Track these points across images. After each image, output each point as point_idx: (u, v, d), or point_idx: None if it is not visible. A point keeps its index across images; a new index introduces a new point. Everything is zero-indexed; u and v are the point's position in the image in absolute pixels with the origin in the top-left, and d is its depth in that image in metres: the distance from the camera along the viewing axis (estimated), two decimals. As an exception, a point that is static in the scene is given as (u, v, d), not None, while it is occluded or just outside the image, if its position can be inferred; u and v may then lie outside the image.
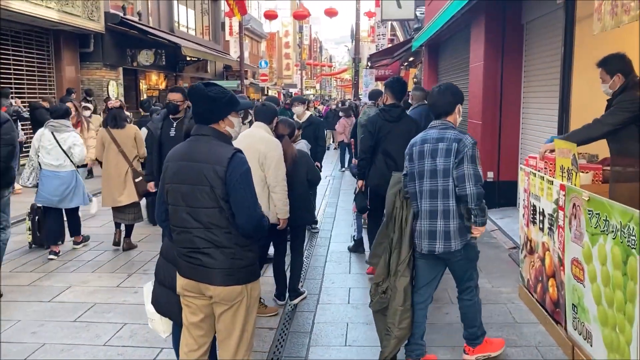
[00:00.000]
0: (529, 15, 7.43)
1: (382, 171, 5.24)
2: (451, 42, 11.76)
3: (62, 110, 6.35)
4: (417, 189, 3.55)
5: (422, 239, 3.53)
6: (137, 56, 16.15)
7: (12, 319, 4.53)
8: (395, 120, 5.36)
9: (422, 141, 3.57)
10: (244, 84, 23.65)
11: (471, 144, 3.38)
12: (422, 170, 3.52)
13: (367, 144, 5.39)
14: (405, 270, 3.59)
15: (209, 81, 2.83)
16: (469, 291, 3.68)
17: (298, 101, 8.40)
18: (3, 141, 4.79)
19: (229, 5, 15.83)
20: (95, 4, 13.38)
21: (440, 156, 3.43)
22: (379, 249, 3.75)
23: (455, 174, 3.38)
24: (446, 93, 3.60)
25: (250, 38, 35.90)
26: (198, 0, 23.72)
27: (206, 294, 2.71)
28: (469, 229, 3.45)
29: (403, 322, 3.58)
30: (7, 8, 10.04)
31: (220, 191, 2.60)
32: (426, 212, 3.49)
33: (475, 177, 3.35)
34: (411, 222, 3.61)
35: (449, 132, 3.47)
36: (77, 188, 6.33)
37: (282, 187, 4.39)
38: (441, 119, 3.60)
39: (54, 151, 6.14)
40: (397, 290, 3.59)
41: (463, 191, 3.34)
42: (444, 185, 3.42)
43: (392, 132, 5.31)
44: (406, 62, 18.73)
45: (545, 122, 6.77)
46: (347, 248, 6.51)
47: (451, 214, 3.43)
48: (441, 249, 3.46)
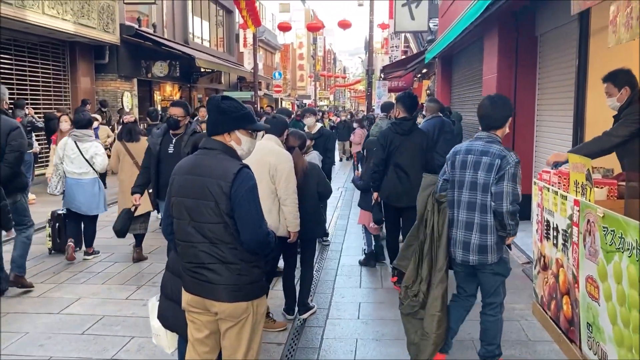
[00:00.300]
0: (543, 27, 7.37)
1: (394, 183, 5.37)
2: (464, 54, 11.71)
3: (85, 120, 6.61)
4: (455, 197, 3.60)
5: (456, 247, 3.60)
6: (152, 67, 16.28)
7: (21, 331, 4.52)
8: (406, 133, 5.41)
9: (467, 151, 3.58)
10: (257, 95, 23.75)
11: (514, 162, 3.39)
12: (462, 181, 3.56)
13: (380, 157, 5.45)
14: (443, 278, 3.63)
15: (229, 96, 2.82)
16: (494, 307, 3.68)
17: (309, 112, 8.40)
18: (10, 147, 5.05)
19: (243, 17, 15.92)
20: (110, 16, 13.54)
21: (482, 170, 3.45)
22: (408, 252, 3.79)
23: (494, 190, 3.40)
24: (499, 106, 3.56)
25: (265, 49, 36.11)
26: (212, 12, 23.92)
27: (211, 310, 2.67)
28: (504, 239, 3.51)
29: (440, 327, 3.63)
30: (25, 20, 10.18)
31: (225, 207, 2.57)
32: (462, 222, 3.55)
33: (513, 196, 3.37)
34: (447, 231, 3.64)
35: (494, 146, 3.47)
36: (99, 195, 6.61)
37: (293, 199, 4.35)
38: (489, 132, 3.57)
39: (77, 160, 6.44)
40: (434, 297, 3.62)
41: (500, 208, 3.38)
42: (483, 200, 3.46)
43: (403, 144, 5.39)
44: (419, 73, 18.70)
45: (559, 136, 6.68)
46: (358, 262, 6.44)
47: (489, 229, 3.48)
48: (475, 261, 3.52)
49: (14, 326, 4.63)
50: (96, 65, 14.28)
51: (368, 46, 20.27)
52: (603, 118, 4.73)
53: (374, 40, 20.99)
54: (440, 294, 3.61)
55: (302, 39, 50.17)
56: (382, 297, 5.37)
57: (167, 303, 3.18)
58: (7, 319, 4.78)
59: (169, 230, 2.83)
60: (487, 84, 8.64)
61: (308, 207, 4.57)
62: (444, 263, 3.63)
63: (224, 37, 25.88)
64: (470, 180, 3.51)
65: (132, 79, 15.62)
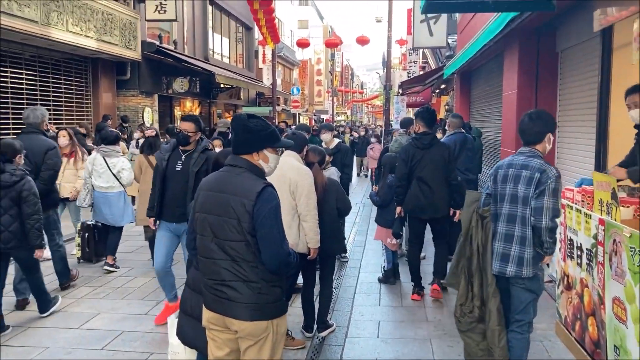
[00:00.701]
0: (564, 43, 7.31)
1: (417, 196, 5.55)
2: (484, 69, 11.66)
3: (112, 137, 6.97)
4: (496, 211, 3.67)
5: (494, 259, 3.63)
6: (172, 83, 16.46)
7: (41, 346, 4.55)
8: (427, 147, 5.55)
9: (508, 165, 3.65)
10: (276, 110, 23.87)
11: (555, 176, 3.41)
12: (503, 194, 3.62)
13: (402, 171, 5.61)
14: (495, 291, 3.68)
15: (254, 114, 2.84)
16: (522, 324, 3.68)
17: (326, 128, 8.41)
18: (46, 165, 5.53)
19: (263, 34, 16.05)
20: (132, 32, 13.74)
21: (522, 183, 3.51)
22: (457, 269, 3.85)
23: (534, 204, 3.43)
24: (537, 121, 3.61)
25: (283, 65, 36.37)
26: (232, 29, 24.19)
27: (231, 328, 2.66)
28: (541, 256, 3.53)
29: (502, 341, 3.67)
30: (49, 37, 10.38)
31: (247, 225, 2.57)
32: (502, 234, 3.61)
33: (554, 211, 3.39)
34: (491, 245, 3.68)
35: (534, 160, 3.51)
36: (125, 207, 6.95)
37: (313, 215, 4.35)
38: (530, 147, 3.63)
39: (104, 174, 6.77)
40: (491, 311, 3.68)
41: (539, 223, 3.41)
42: (523, 212, 3.51)
43: (425, 158, 5.54)
44: (438, 89, 18.65)
45: (581, 152, 6.59)
46: (377, 279, 6.39)
47: (527, 241, 3.51)
48: (512, 273, 3.55)
49: (34, 340, 4.66)
50: (118, 81, 14.48)
51: (386, 62, 20.29)
52: (626, 135, 4.66)
53: (391, 55, 21.02)
54: (495, 308, 3.67)
55: (320, 55, 50.44)
56: (402, 315, 5.31)
57: (186, 319, 3.18)
58: (28, 334, 4.82)
59: (192, 245, 2.85)
60: (508, 100, 8.58)
61: (327, 223, 4.55)
62: (492, 277, 3.68)
63: (244, 54, 26.12)
64: (510, 194, 3.58)
65: (153, 95, 15.81)
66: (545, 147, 3.65)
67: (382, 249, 6.55)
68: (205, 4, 19.83)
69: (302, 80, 43.56)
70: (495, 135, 10.23)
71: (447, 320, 5.12)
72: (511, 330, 3.72)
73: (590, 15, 5.65)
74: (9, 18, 9.11)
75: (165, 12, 14.54)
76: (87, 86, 13.62)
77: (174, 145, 4.92)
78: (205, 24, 19.99)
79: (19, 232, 4.73)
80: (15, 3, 9.25)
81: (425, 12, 7.55)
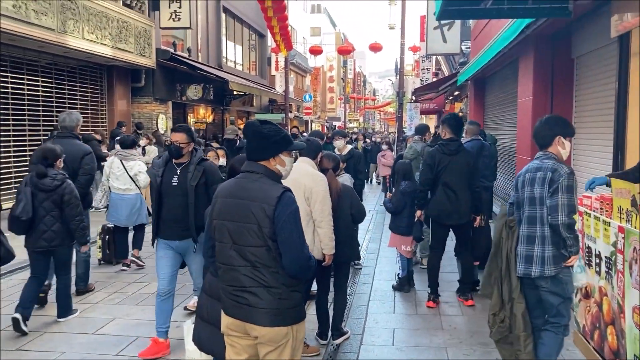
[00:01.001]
0: (580, 49, 7.26)
1: (443, 202, 5.63)
2: (498, 76, 11.62)
3: (129, 141, 7.29)
4: (520, 216, 3.76)
5: (519, 262, 3.69)
6: (186, 91, 16.57)
7: (57, 351, 4.58)
8: (453, 153, 5.65)
9: (525, 171, 3.75)
10: (288, 117, 23.93)
11: (566, 173, 3.47)
12: (523, 198, 3.72)
13: (428, 176, 5.69)
14: (519, 297, 3.73)
15: (265, 119, 2.86)
16: (556, 325, 3.70)
17: (339, 135, 8.42)
18: (83, 170, 5.82)
19: (276, 41, 16.13)
20: (147, 40, 13.86)
21: (537, 185, 3.59)
22: (490, 280, 3.91)
23: (549, 203, 3.50)
24: (545, 125, 3.72)
25: (295, 72, 36.47)
26: (245, 36, 24.33)
27: (251, 334, 2.66)
28: (565, 257, 3.54)
29: (527, 346, 3.70)
30: (65, 45, 10.50)
31: (268, 230, 2.58)
32: (524, 237, 3.68)
33: (569, 208, 3.44)
34: (515, 250, 3.75)
35: (547, 162, 3.60)
36: (141, 209, 7.20)
37: (328, 221, 4.34)
38: (543, 150, 3.71)
39: (122, 177, 7.05)
40: (516, 317, 3.73)
41: (555, 220, 3.46)
42: (541, 212, 3.59)
43: (451, 164, 5.62)
44: (451, 96, 18.60)
45: (598, 159, 6.52)
46: (391, 286, 6.36)
47: (547, 240, 3.57)
48: (537, 273, 3.59)
49: (50, 345, 4.69)
50: (132, 88, 14.59)
51: (399, 69, 20.30)
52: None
53: (404, 62, 21.01)
54: (520, 313, 3.71)
55: (333, 62, 50.53)
56: (417, 323, 5.27)
57: (203, 325, 3.18)
58: (44, 338, 4.85)
59: (209, 252, 2.85)
60: (523, 106, 8.53)
61: (342, 229, 4.54)
62: (517, 281, 3.73)
63: (256, 61, 26.25)
64: (529, 196, 3.66)
65: (167, 102, 15.92)
66: (557, 150, 3.68)
67: (396, 256, 6.52)
68: (219, 12, 19.98)
69: (314, 87, 43.64)
70: (509, 142, 10.17)
71: (463, 329, 5.08)
72: (545, 329, 3.74)
73: (606, 21, 5.61)
74: (26, 26, 9.23)
75: (180, 20, 14.67)
76: (102, 93, 13.75)
77: (166, 159, 4.58)
78: (219, 31, 20.12)
79: (60, 231, 5.05)
80: (33, 11, 9.37)
81: (440, 19, 7.54)
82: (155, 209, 4.51)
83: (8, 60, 10.23)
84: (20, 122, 10.64)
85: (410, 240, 6.24)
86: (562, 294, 3.65)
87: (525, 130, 8.29)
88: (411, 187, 6.21)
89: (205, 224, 4.14)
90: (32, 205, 4.90)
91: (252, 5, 22.25)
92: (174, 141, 4.45)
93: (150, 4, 14.37)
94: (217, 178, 4.57)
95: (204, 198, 4.44)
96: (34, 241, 5.00)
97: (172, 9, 14.60)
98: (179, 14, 14.61)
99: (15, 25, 8.95)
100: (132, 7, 13.50)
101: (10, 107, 10.36)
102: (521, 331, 3.71)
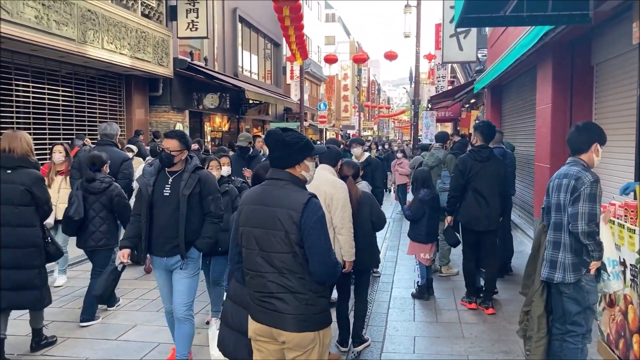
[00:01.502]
0: (600, 56, 7.22)
1: (474, 208, 5.74)
2: (515, 83, 11.58)
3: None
4: (548, 221, 3.79)
5: (544, 266, 3.73)
6: (203, 99, 16.68)
7: (80, 356, 4.63)
8: (485, 160, 5.74)
9: (556, 176, 3.78)
10: (303, 125, 24.00)
11: (589, 182, 3.47)
12: (551, 204, 3.75)
13: (459, 182, 5.80)
14: (539, 300, 3.79)
15: (285, 127, 2.88)
16: (574, 335, 3.70)
17: (356, 143, 8.44)
18: (122, 175, 6.32)
19: (292, 50, 16.20)
20: (165, 50, 14.01)
21: (562, 191, 3.62)
22: (529, 280, 3.98)
23: (570, 211, 3.52)
24: (582, 131, 3.73)
25: (310, 81, 36.61)
26: (261, 45, 24.49)
27: (279, 339, 2.68)
28: (587, 263, 3.55)
29: (538, 348, 3.76)
30: (85, 55, 10.65)
31: (295, 236, 2.60)
32: (551, 242, 3.72)
33: (589, 216, 3.44)
34: (543, 254, 3.81)
35: (574, 168, 3.61)
36: None
37: (349, 228, 4.35)
38: (575, 156, 3.73)
39: None
40: (532, 317, 3.81)
41: (575, 229, 3.48)
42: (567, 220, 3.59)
43: (482, 171, 5.72)
44: (467, 103, 18.55)
45: (620, 167, 6.47)
46: (410, 294, 6.34)
47: (569, 247, 3.60)
48: (559, 279, 3.62)
49: (74, 351, 4.74)
50: (150, 97, 14.73)
51: (414, 77, 20.29)
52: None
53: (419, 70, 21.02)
54: (537, 315, 3.76)
55: (347, 71, 50.64)
56: (437, 331, 5.24)
57: (227, 331, 3.19)
58: (67, 344, 4.90)
59: (235, 258, 2.88)
60: (541, 114, 8.49)
61: (362, 236, 4.55)
62: (540, 284, 3.78)
63: (272, 70, 26.39)
64: (555, 203, 3.69)
65: (184, 111, 16.05)
66: (591, 157, 3.69)
67: (415, 264, 6.50)
68: (235, 22, 20.14)
69: (329, 95, 43.74)
70: (527, 150, 10.11)
71: (484, 337, 5.05)
72: (564, 340, 3.75)
73: (627, 28, 5.57)
74: (48, 36, 9.38)
75: (197, 29, 14.80)
76: (120, 102, 13.91)
77: (158, 168, 4.20)
78: (235, 41, 20.28)
79: (106, 232, 5.40)
80: (54, 22, 9.52)
81: (459, 27, 7.54)
82: (147, 222, 4.09)
83: (30, 70, 10.39)
84: (41, 131, 10.79)
85: (429, 248, 6.22)
86: (582, 303, 3.64)
87: (544, 137, 8.25)
88: (429, 195, 6.20)
89: (197, 238, 4.13)
90: (84, 207, 5.28)
91: (268, 15, 22.43)
92: (166, 148, 4.08)
93: (168, 14, 14.53)
94: (212, 189, 4.24)
95: (198, 210, 4.13)
96: (84, 241, 5.38)
97: (190, 19, 14.75)
98: (196, 24, 14.75)
99: (38, 36, 9.10)
100: (150, 17, 13.67)
101: (32, 116, 10.51)
102: (534, 332, 3.78)
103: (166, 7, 14.43)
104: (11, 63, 9.91)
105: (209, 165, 5.09)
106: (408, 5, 22.17)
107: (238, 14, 20.22)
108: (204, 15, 14.75)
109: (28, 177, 4.41)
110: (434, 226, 6.25)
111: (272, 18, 18.64)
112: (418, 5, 20.04)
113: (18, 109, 10.19)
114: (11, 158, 4.39)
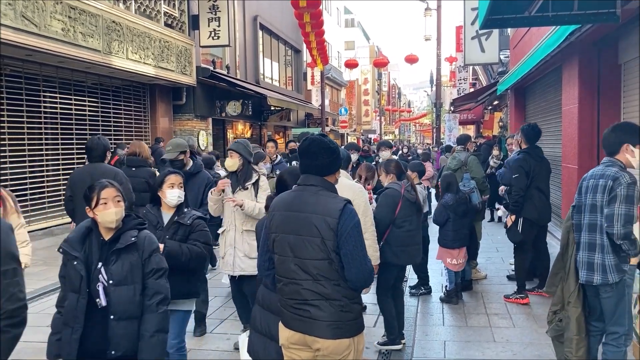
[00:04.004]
0: (627, 55, 7.10)
1: (540, 205, 6.09)
2: (539, 84, 11.44)
3: (209, 159, 7.84)
4: (580, 221, 3.73)
5: (581, 269, 3.67)
6: (226, 107, 16.82)
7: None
8: (539, 160, 6.15)
9: (590, 176, 3.71)
10: (324, 130, 24.05)
11: (627, 183, 3.40)
12: (585, 204, 3.68)
13: (524, 182, 6.04)
14: (576, 302, 3.73)
15: (321, 132, 2.88)
16: (616, 337, 3.64)
17: (385, 146, 8.45)
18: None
19: (313, 56, 16.27)
20: (188, 59, 14.17)
21: (599, 192, 3.55)
22: (556, 279, 3.95)
23: (606, 212, 3.46)
24: (612, 132, 3.69)
25: (331, 87, 36.67)
26: (282, 52, 24.62)
27: (313, 346, 2.66)
28: (626, 259, 3.51)
29: (580, 350, 3.69)
30: (110, 65, 10.83)
31: (332, 243, 2.58)
32: (586, 244, 3.65)
33: (626, 217, 3.38)
34: (575, 254, 3.74)
35: (611, 169, 3.55)
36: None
37: (372, 232, 4.37)
38: (611, 157, 3.67)
39: None
40: (570, 319, 3.73)
41: (610, 230, 3.43)
42: (602, 221, 3.54)
43: (541, 169, 6.13)
44: (490, 105, 18.39)
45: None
46: (439, 298, 6.29)
47: (606, 249, 3.54)
48: (599, 281, 3.56)
49: (106, 358, 4.78)
50: (174, 105, 14.91)
51: (435, 80, 20.19)
52: None
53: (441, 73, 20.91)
54: (575, 317, 3.70)
55: (367, 75, 50.58)
56: (468, 335, 5.19)
57: (257, 337, 3.21)
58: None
59: (266, 265, 2.86)
60: (568, 114, 8.38)
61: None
62: (575, 286, 3.72)
63: (293, 76, 26.49)
64: (590, 203, 3.62)
65: (207, 119, 16.19)
66: (625, 157, 3.62)
67: (443, 268, 6.44)
68: (256, 29, 20.29)
69: (349, 100, 43.73)
70: (553, 150, 9.97)
71: (515, 341, 4.98)
72: (605, 343, 3.70)
73: (656, 25, 5.48)
74: (74, 48, 9.56)
75: (219, 38, 14.94)
76: (145, 111, 14.09)
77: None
78: (256, 48, 20.42)
79: None
80: (80, 34, 9.70)
81: (483, 28, 7.49)
82: None
83: (57, 82, 10.60)
84: (69, 141, 10.98)
85: (457, 253, 6.16)
86: (624, 297, 3.62)
87: (571, 137, 8.14)
88: (453, 200, 6.16)
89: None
90: None
91: (288, 22, 22.56)
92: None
93: (191, 23, 14.70)
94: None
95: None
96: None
97: (212, 28, 14.89)
98: (218, 33, 14.89)
99: (65, 48, 9.28)
100: (173, 27, 13.85)
101: (60, 126, 10.71)
102: (574, 335, 3.72)
103: (188, 17, 14.60)
104: (39, 75, 10.12)
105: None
106: (428, 9, 22.09)
107: (259, 21, 20.36)
108: (226, 23, 14.88)
109: (147, 173, 6.02)
110: (461, 231, 6.19)
111: (292, 25, 18.74)
112: (438, 8, 20.00)
113: (46, 119, 10.41)
114: (137, 160, 6.10)
